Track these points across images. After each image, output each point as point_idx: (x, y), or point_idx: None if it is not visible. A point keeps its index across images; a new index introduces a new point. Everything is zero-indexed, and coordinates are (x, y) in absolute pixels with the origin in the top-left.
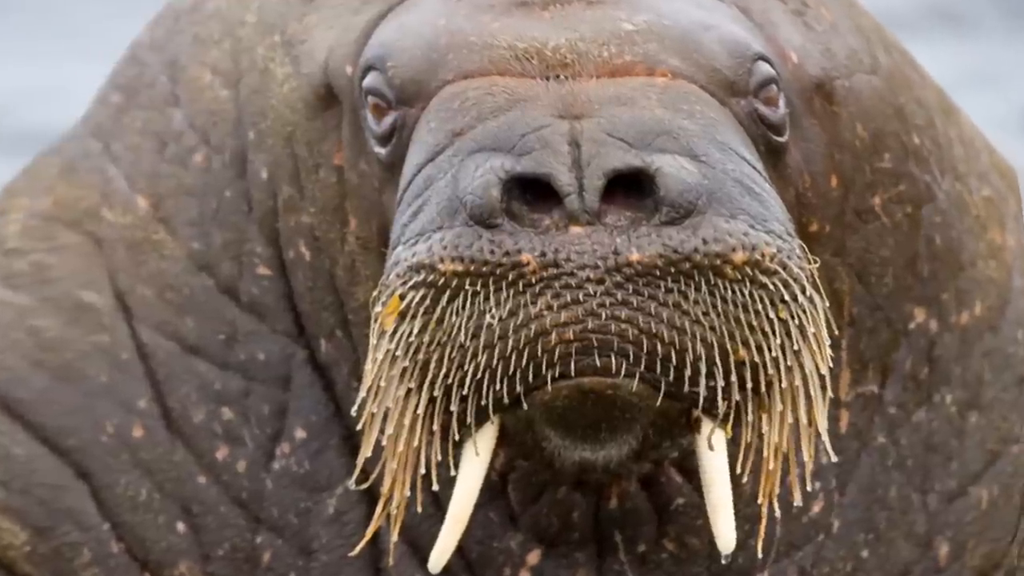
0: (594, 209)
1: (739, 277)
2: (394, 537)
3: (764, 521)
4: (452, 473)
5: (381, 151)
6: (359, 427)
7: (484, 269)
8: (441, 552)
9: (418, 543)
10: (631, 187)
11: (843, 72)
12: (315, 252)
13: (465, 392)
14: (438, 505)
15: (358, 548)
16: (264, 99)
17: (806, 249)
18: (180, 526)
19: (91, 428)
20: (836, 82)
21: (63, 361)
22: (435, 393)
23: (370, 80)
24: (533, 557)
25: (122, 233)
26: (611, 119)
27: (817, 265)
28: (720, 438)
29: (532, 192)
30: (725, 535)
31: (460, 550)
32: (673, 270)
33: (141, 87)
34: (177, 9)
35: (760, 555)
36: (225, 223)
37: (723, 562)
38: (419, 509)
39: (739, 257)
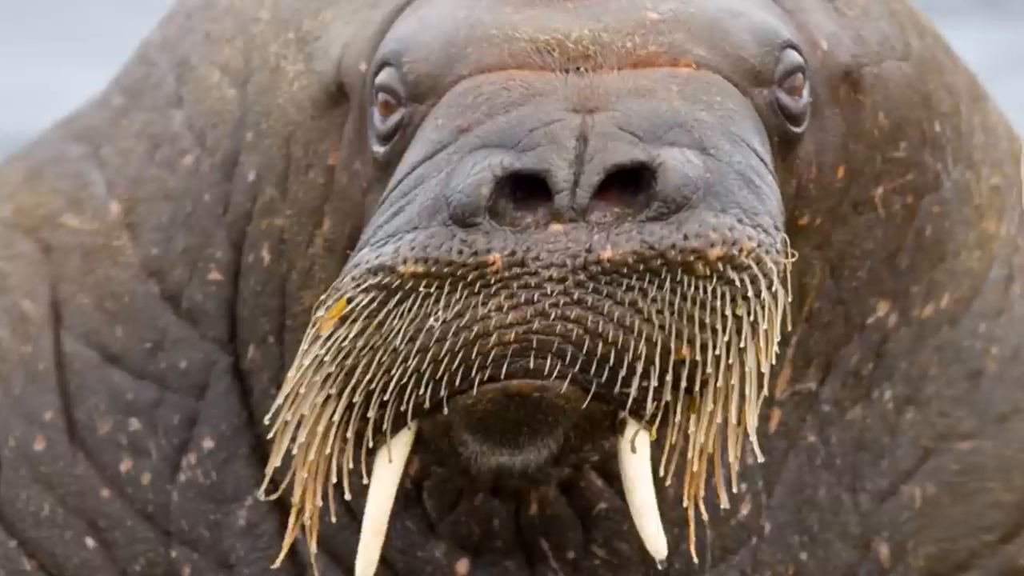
0: (582, 206)
1: (708, 273)
2: (312, 548)
3: (692, 525)
4: (365, 482)
5: (380, 149)
6: (270, 436)
7: (446, 270)
8: (365, 564)
9: (339, 554)
10: (629, 181)
11: (873, 59)
12: (276, 256)
13: (386, 398)
14: (353, 515)
15: (278, 560)
16: (271, 98)
17: (787, 243)
18: (89, 541)
19: (3, 442)
20: (865, 69)
21: (3, 372)
22: (355, 399)
23: (383, 76)
24: (462, 567)
25: (81, 240)
26: (626, 112)
27: (794, 259)
28: (643, 440)
29: (526, 188)
30: (654, 540)
31: (384, 560)
32: (642, 267)
33: (147, 88)
34: (189, 6)
35: (696, 560)
36: (194, 227)
37: (659, 567)
38: (333, 519)
39: (715, 253)
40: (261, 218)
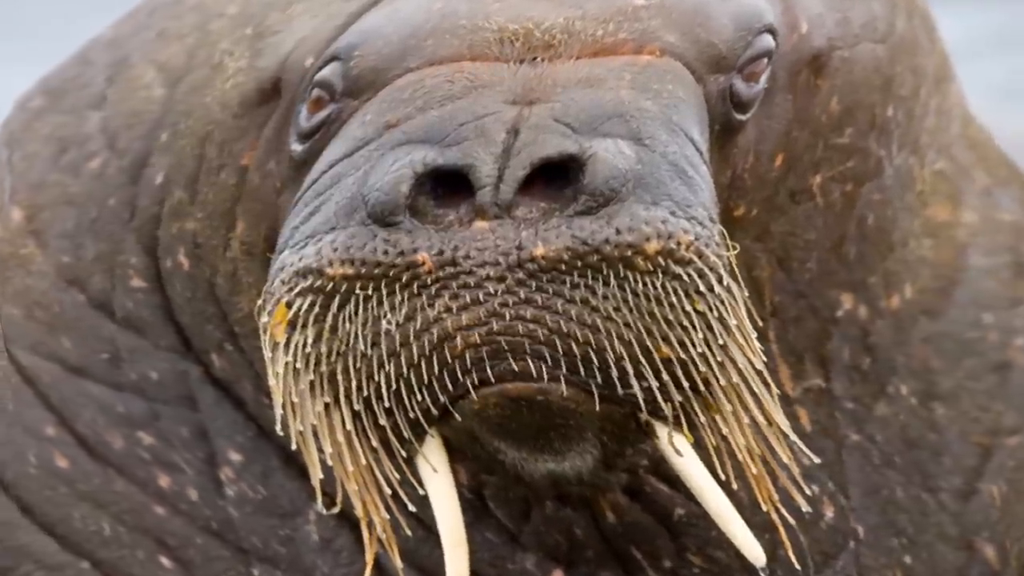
0: (506, 201)
1: (651, 268)
2: (398, 563)
3: (782, 529)
4: (421, 492)
5: (298, 148)
6: (294, 447)
7: (376, 271)
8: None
9: (425, 567)
10: (557, 175)
11: (849, 42)
12: (194, 260)
13: (387, 405)
14: (427, 527)
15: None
16: (199, 97)
17: (726, 235)
18: (165, 561)
19: (17, 460)
20: (835, 53)
21: None
22: (356, 407)
23: (325, 71)
24: None
25: None
26: (566, 103)
27: (736, 252)
28: (683, 443)
29: (449, 185)
30: (746, 546)
31: (476, 573)
32: (580, 264)
33: (72, 89)
34: (157, 2)
35: (798, 565)
36: (101, 233)
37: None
38: (408, 533)
39: (652, 247)
40: (171, 222)
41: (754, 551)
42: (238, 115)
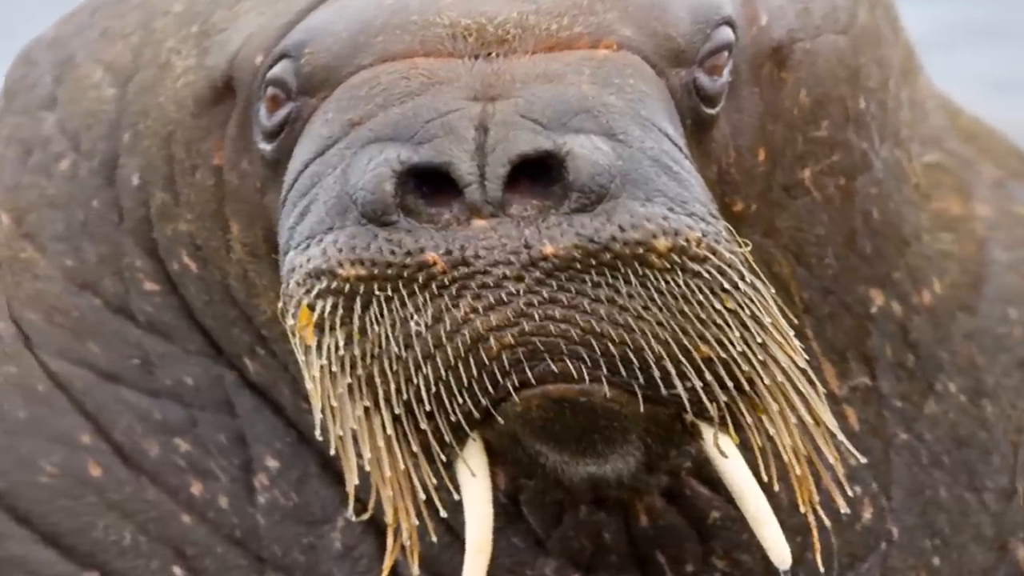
0: (497, 199)
1: (667, 266)
2: (415, 571)
3: (815, 532)
4: (456, 497)
5: (267, 147)
6: (332, 452)
7: (389, 272)
8: None
9: (443, 573)
10: (540, 172)
11: (810, 33)
12: (201, 263)
13: (428, 408)
14: (454, 533)
15: None
16: (152, 97)
17: (733, 231)
18: (177, 570)
19: (19, 468)
20: (797, 45)
21: None
22: (396, 411)
23: (276, 69)
24: None
25: None
26: (529, 99)
27: (749, 248)
28: (728, 444)
29: (431, 184)
30: (776, 549)
31: None
32: (594, 262)
33: (21, 90)
34: (99, 1)
35: (821, 569)
36: (95, 236)
37: None
38: (434, 539)
39: (662, 244)
40: (162, 224)
41: (783, 555)
42: (196, 114)
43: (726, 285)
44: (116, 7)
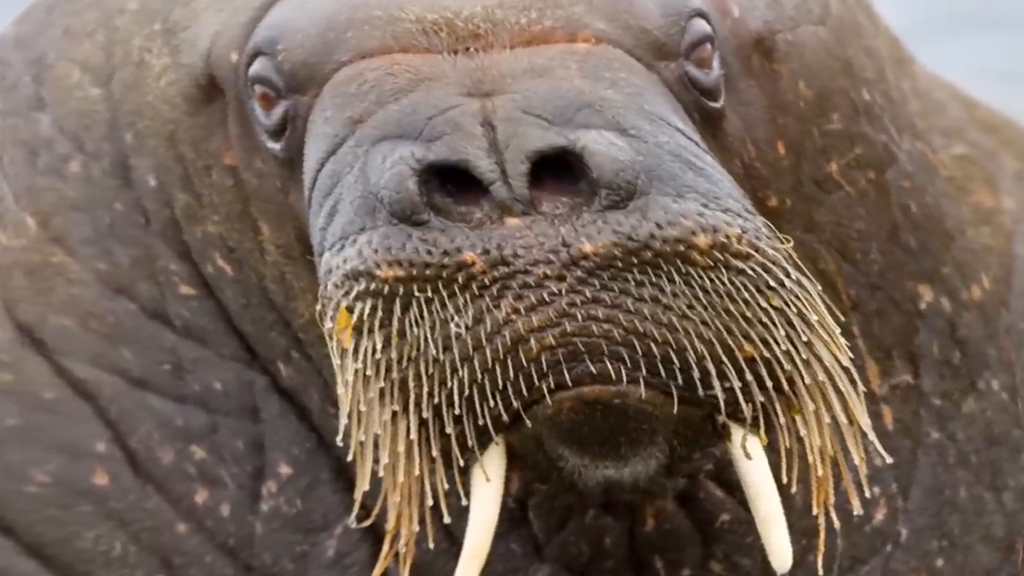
0: (526, 197)
1: (710, 263)
2: None
3: (823, 534)
4: (464, 503)
5: (274, 146)
6: (350, 458)
7: (428, 272)
8: None
9: None
10: (558, 169)
11: (787, 24)
12: (236, 265)
13: (457, 412)
14: (452, 539)
15: None
16: (140, 96)
17: (773, 228)
18: None
19: (6, 478)
20: (778, 36)
21: None
22: (424, 415)
23: (257, 67)
24: None
25: (17, 258)
26: (526, 94)
27: (791, 244)
28: (756, 445)
29: (451, 182)
30: (779, 552)
31: None
32: (636, 260)
33: (3, 90)
34: (51, 0)
35: (821, 572)
36: (125, 239)
37: None
38: (431, 545)
39: (702, 241)
40: (191, 226)
41: (784, 558)
42: (191, 113)
43: (771, 282)
44: (70, 5)
